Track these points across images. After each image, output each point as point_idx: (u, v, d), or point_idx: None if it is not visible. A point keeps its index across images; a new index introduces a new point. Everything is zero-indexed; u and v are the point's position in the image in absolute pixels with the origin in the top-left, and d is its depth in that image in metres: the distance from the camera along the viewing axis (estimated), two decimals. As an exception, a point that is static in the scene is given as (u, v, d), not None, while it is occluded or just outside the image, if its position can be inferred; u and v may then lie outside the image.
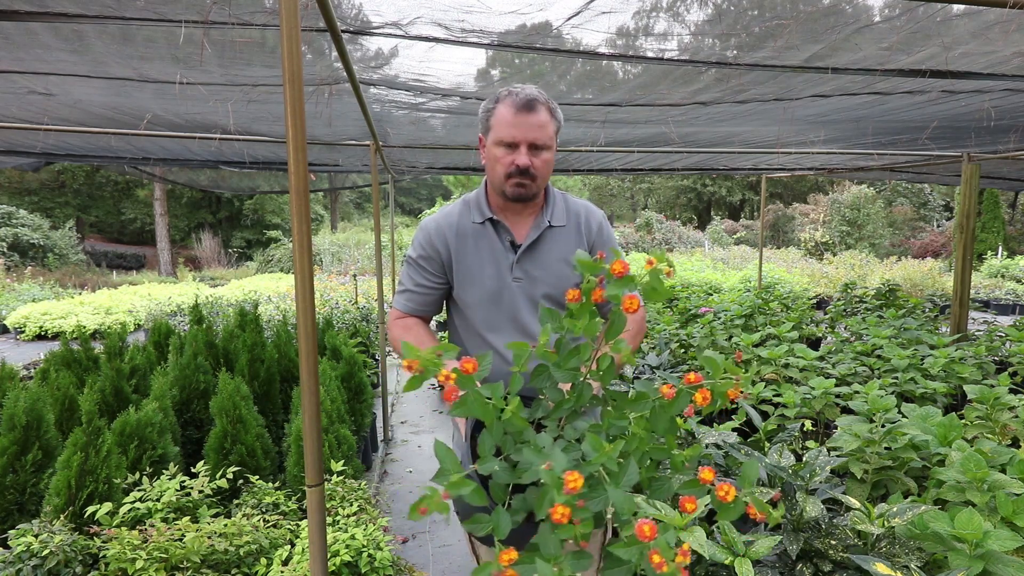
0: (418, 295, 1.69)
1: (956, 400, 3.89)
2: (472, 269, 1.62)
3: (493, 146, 1.56)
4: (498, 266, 1.61)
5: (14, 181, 24.61)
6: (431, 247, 1.65)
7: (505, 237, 1.62)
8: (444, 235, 1.64)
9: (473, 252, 1.63)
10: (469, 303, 1.64)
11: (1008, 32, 2.28)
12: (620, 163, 6.04)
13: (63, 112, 3.75)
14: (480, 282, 1.62)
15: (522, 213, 1.65)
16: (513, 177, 1.53)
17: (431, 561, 3.10)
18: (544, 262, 1.61)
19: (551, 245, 1.62)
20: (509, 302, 1.61)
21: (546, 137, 1.54)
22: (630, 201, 36.25)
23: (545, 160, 1.56)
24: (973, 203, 5.29)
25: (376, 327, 6.81)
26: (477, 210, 1.64)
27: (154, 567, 2.02)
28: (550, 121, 1.55)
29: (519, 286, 1.60)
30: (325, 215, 31.17)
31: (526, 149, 1.52)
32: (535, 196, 1.59)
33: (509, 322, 1.61)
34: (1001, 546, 1.71)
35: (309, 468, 1.43)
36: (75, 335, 9.03)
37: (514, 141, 1.52)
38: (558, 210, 1.65)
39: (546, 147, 1.55)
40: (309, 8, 1.92)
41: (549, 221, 1.62)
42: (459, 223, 1.65)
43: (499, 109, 1.54)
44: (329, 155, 5.49)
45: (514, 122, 1.51)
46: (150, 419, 2.72)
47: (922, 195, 26.91)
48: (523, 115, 1.51)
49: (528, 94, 1.53)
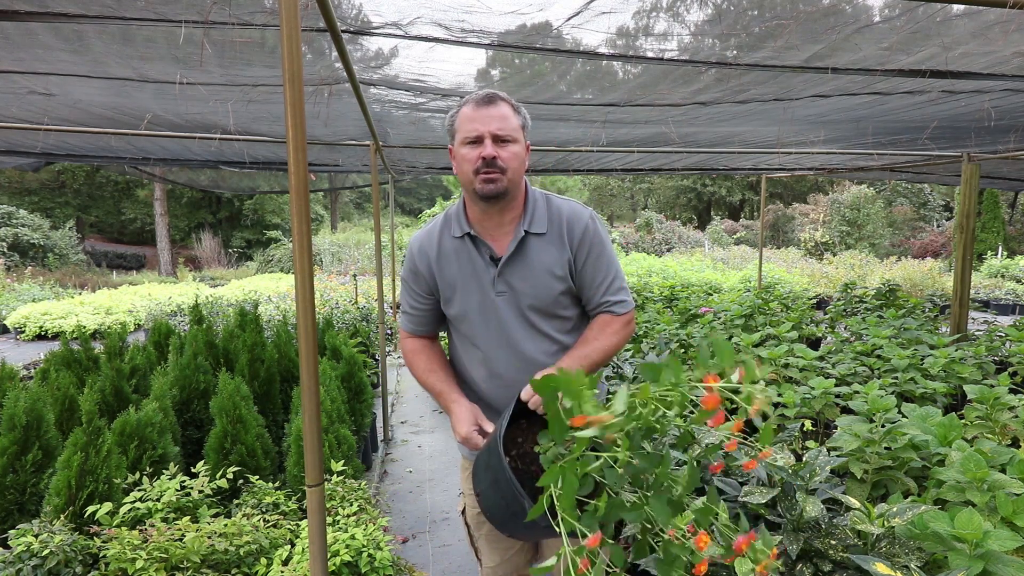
0: (415, 315, 1.73)
1: (956, 400, 3.89)
2: (455, 285, 1.62)
3: (460, 147, 1.55)
4: (480, 281, 1.60)
5: (14, 181, 24.61)
6: (415, 268, 1.66)
7: (485, 252, 1.60)
8: (426, 254, 1.64)
9: (455, 268, 1.61)
10: (456, 318, 1.64)
11: (1008, 32, 2.28)
12: (620, 163, 6.04)
13: (63, 112, 3.75)
14: (464, 298, 1.61)
15: (502, 223, 1.60)
16: (480, 172, 1.50)
17: (431, 561, 3.10)
18: (526, 273, 1.58)
19: (532, 255, 1.58)
20: (495, 316, 1.59)
21: (510, 128, 1.52)
22: (630, 201, 36.25)
23: (513, 153, 1.52)
24: (973, 203, 5.29)
25: (376, 327, 6.80)
26: (456, 224, 1.62)
27: (154, 567, 2.02)
28: (513, 115, 1.54)
29: (503, 300, 1.58)
30: (325, 215, 31.17)
31: (491, 141, 1.50)
32: (507, 193, 1.54)
33: (497, 335, 1.60)
34: (1001, 546, 1.71)
35: (309, 468, 1.43)
36: (75, 335, 9.03)
37: (478, 135, 1.51)
38: (538, 216, 1.60)
39: (512, 139, 1.52)
40: (309, 8, 1.92)
41: (526, 229, 1.58)
42: (440, 240, 1.64)
43: (461, 111, 1.55)
44: (329, 155, 5.49)
45: (474, 116, 1.51)
46: (150, 419, 2.72)
47: (922, 195, 26.90)
48: (483, 108, 1.51)
49: (487, 91, 1.54)
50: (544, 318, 1.60)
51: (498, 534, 1.74)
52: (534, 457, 1.34)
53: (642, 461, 1.02)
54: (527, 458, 1.35)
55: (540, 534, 1.36)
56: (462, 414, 1.54)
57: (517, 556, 1.79)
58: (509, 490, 1.20)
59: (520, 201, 1.62)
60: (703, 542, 0.94)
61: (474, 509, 1.77)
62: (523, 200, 1.63)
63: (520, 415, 1.39)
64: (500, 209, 1.58)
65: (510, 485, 1.19)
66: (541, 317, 1.59)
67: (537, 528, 1.22)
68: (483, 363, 1.63)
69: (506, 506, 1.24)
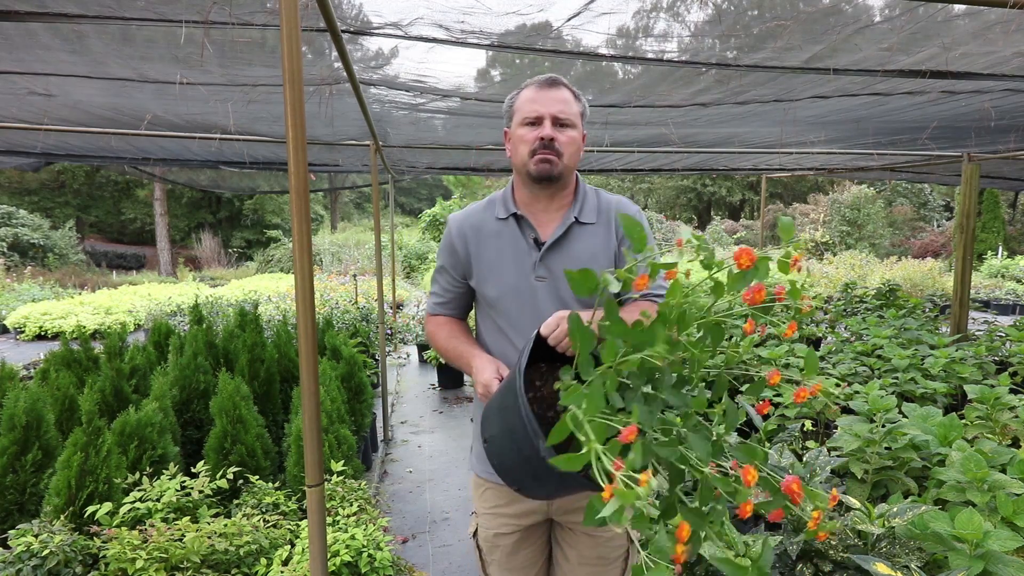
0: (446, 298, 1.69)
1: (956, 400, 3.89)
2: (492, 266, 1.58)
3: (517, 127, 1.53)
4: (520, 264, 1.56)
5: (14, 181, 24.61)
6: (451, 247, 1.63)
7: (529, 234, 1.56)
8: (464, 233, 1.61)
9: (494, 249, 1.58)
10: (489, 301, 1.60)
11: (1008, 32, 2.28)
12: (620, 163, 6.05)
13: (63, 112, 3.75)
14: (499, 280, 1.57)
15: (549, 208, 1.58)
16: (537, 153, 1.49)
17: (431, 561, 3.10)
18: (571, 261, 1.54)
19: (579, 243, 1.55)
20: (532, 302, 1.55)
21: (571, 113, 1.51)
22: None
23: (571, 137, 1.52)
24: (973, 203, 5.29)
25: (376, 327, 6.80)
26: (502, 206, 1.60)
27: (154, 567, 2.02)
28: (574, 100, 1.54)
29: (543, 285, 1.54)
30: (325, 215, 31.18)
31: (550, 123, 1.49)
32: (561, 177, 1.52)
33: (531, 320, 1.52)
34: (1001, 546, 1.71)
35: (309, 468, 1.43)
36: (75, 335, 9.03)
37: (538, 116, 1.49)
38: (588, 206, 1.59)
39: (571, 124, 1.52)
40: (309, 8, 1.92)
41: (576, 217, 1.56)
42: (482, 220, 1.61)
43: (522, 93, 1.54)
44: (329, 155, 5.49)
45: (536, 98, 1.50)
46: (150, 419, 2.72)
47: (922, 195, 26.90)
48: (546, 90, 1.51)
49: (550, 75, 1.54)
50: (583, 307, 1.56)
51: (512, 561, 1.67)
52: (551, 403, 1.28)
53: (677, 399, 0.94)
54: (544, 403, 1.28)
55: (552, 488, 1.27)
56: (483, 364, 1.48)
57: None
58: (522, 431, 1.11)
59: (571, 189, 1.61)
60: (751, 476, 0.83)
61: (487, 530, 1.68)
62: (573, 190, 1.62)
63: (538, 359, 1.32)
64: (551, 194, 1.57)
65: (524, 424, 1.10)
66: (580, 306, 1.53)
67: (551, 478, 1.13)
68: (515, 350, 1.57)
69: (518, 450, 1.15)
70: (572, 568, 1.65)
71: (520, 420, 1.11)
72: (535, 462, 1.11)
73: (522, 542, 1.65)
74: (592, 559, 1.61)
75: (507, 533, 1.64)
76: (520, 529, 1.63)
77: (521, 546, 1.65)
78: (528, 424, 1.09)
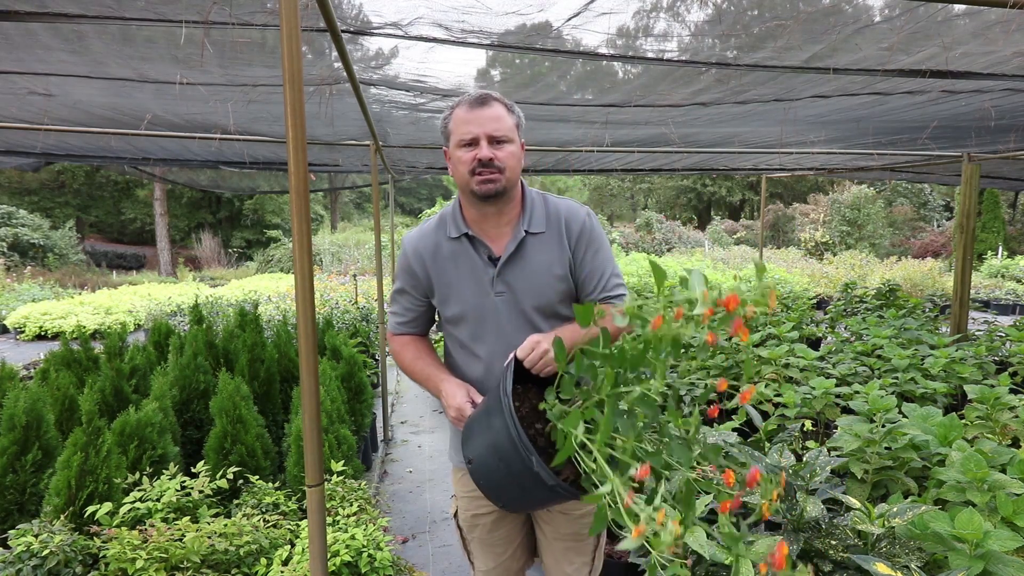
0: (407, 317, 1.71)
1: (956, 400, 3.89)
2: (451, 286, 1.60)
3: (455, 149, 1.54)
4: (478, 281, 1.58)
5: (14, 181, 24.61)
6: (410, 269, 1.64)
7: (483, 252, 1.59)
8: (421, 256, 1.63)
9: (452, 270, 1.60)
10: (452, 319, 1.63)
11: (1008, 32, 2.28)
12: (620, 163, 6.05)
13: (63, 112, 3.75)
14: (460, 298, 1.60)
15: (500, 223, 1.60)
16: (477, 173, 1.50)
17: (431, 561, 3.10)
18: (526, 273, 1.57)
19: (532, 254, 1.58)
20: (494, 316, 1.58)
21: (505, 129, 1.52)
22: (630, 201, 36.25)
23: (509, 152, 1.52)
24: (973, 203, 5.29)
25: (376, 327, 6.80)
26: (453, 225, 1.61)
27: (154, 567, 2.02)
28: (507, 115, 1.54)
29: (503, 300, 1.57)
30: (325, 215, 31.17)
31: (486, 143, 1.50)
32: (506, 192, 1.54)
33: (495, 335, 1.59)
34: (1001, 546, 1.71)
35: (309, 468, 1.43)
36: (75, 335, 9.03)
37: (473, 137, 1.50)
38: (536, 215, 1.60)
39: (507, 139, 1.52)
40: (309, 8, 1.92)
41: (526, 229, 1.58)
42: (436, 242, 1.62)
43: (455, 113, 1.55)
44: (329, 155, 5.49)
45: (468, 118, 1.51)
46: (150, 419, 2.72)
47: (922, 195, 26.91)
48: (477, 110, 1.51)
49: (480, 92, 1.54)
50: (545, 318, 1.59)
51: (491, 537, 1.74)
52: (531, 420, 1.33)
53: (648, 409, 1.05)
54: (524, 422, 1.32)
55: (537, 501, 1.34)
56: (454, 389, 1.54)
57: (511, 560, 1.78)
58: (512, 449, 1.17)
59: (517, 201, 1.62)
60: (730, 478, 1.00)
61: (467, 512, 1.75)
62: (520, 200, 1.62)
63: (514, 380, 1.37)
64: (498, 210, 1.58)
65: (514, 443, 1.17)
66: (542, 317, 1.59)
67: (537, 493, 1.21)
68: (480, 364, 1.62)
69: (507, 468, 1.21)
70: (548, 543, 1.74)
71: (509, 439, 1.19)
72: (524, 478, 1.18)
73: (500, 520, 1.73)
74: (567, 535, 1.70)
75: (485, 514, 1.72)
76: (497, 510, 1.69)
77: (500, 524, 1.74)
78: (519, 443, 1.17)
